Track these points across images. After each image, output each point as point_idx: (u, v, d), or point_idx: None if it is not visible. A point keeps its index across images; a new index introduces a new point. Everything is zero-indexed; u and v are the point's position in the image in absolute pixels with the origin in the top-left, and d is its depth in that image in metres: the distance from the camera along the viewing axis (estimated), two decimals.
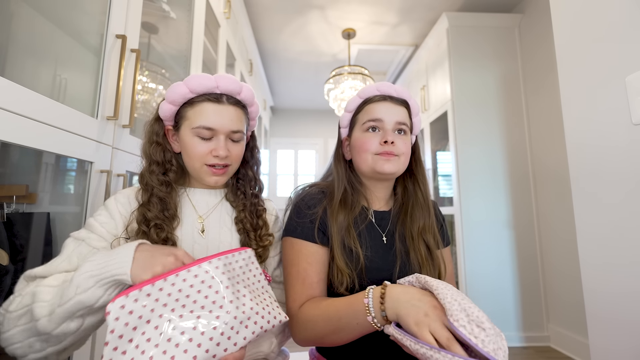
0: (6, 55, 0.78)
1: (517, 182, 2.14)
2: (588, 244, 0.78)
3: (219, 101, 0.62)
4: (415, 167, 0.78)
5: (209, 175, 0.64)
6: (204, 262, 0.48)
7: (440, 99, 2.39)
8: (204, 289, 0.45)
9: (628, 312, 0.68)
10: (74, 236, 0.56)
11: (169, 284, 0.44)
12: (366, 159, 0.71)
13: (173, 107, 0.63)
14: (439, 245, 0.72)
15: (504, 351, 0.41)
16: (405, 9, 2.41)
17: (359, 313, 0.53)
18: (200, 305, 0.44)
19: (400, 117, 0.71)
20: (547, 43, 2.01)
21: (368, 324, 0.52)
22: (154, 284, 0.43)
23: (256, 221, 0.68)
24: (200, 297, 0.44)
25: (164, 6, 1.31)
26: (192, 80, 0.61)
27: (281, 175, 4.61)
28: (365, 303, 0.52)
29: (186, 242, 0.63)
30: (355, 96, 0.75)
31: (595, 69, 0.76)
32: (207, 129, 0.61)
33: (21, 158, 0.82)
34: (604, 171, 0.74)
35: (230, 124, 0.63)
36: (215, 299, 0.45)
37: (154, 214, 0.59)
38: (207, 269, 0.47)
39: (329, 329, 0.57)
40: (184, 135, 0.63)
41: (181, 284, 0.44)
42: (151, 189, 0.61)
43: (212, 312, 0.44)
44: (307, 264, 0.65)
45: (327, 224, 0.68)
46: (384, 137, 0.69)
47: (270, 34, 2.74)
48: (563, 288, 1.92)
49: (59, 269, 0.51)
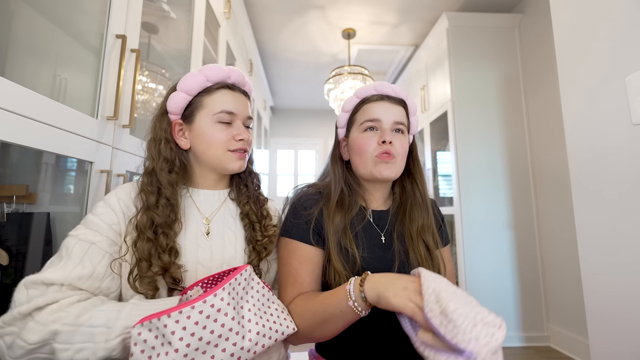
0: (6, 55, 0.78)
1: (517, 182, 2.14)
2: (588, 243, 0.78)
3: (233, 89, 0.67)
4: (413, 167, 0.77)
5: (234, 160, 0.65)
6: (209, 296, 0.46)
7: (440, 99, 2.39)
8: (210, 324, 0.45)
9: (628, 312, 0.68)
10: (80, 238, 0.53)
11: (173, 321, 0.43)
12: (365, 162, 0.70)
13: (187, 97, 0.64)
14: (438, 245, 0.72)
15: (487, 340, 0.39)
16: (405, 9, 2.41)
17: (341, 301, 0.54)
18: (206, 341, 0.44)
19: (398, 117, 0.71)
20: (547, 43, 2.01)
21: (350, 311, 0.53)
22: (159, 319, 0.43)
23: (260, 211, 0.69)
24: (205, 333, 0.44)
25: (164, 6, 1.31)
26: (208, 69, 0.64)
27: (281, 175, 4.61)
28: (346, 289, 0.54)
29: (190, 245, 0.61)
30: (352, 96, 0.75)
31: (595, 68, 0.76)
32: (228, 113, 0.64)
33: (21, 158, 0.82)
34: (604, 171, 0.74)
35: (246, 110, 0.67)
36: (222, 333, 0.45)
37: (163, 219, 0.57)
38: (213, 302, 0.46)
39: (315, 321, 0.57)
40: (202, 124, 0.64)
41: (185, 322, 0.44)
42: (158, 189, 0.59)
43: (218, 345, 0.44)
44: (298, 264, 0.65)
45: (323, 226, 0.68)
46: (382, 136, 0.68)
47: (270, 34, 2.74)
48: (563, 288, 1.92)
49: (73, 276, 0.49)
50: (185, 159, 0.66)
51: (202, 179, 0.68)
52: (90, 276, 0.51)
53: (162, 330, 0.43)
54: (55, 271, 0.49)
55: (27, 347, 0.43)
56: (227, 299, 0.47)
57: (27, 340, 0.43)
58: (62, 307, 0.46)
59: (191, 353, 0.42)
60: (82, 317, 0.45)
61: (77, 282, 0.50)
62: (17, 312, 0.45)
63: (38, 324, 0.44)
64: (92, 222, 0.56)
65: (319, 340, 0.62)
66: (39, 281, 0.48)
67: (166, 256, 0.55)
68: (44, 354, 0.44)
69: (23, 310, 0.45)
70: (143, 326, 0.43)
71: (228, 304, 0.47)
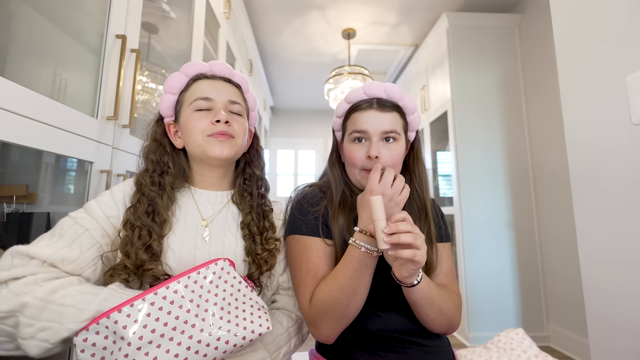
0: (6, 55, 0.78)
1: (517, 182, 2.14)
2: (588, 242, 0.78)
3: (213, 78, 0.66)
4: (413, 164, 0.75)
5: (214, 144, 0.61)
6: (161, 288, 0.47)
7: (440, 99, 2.39)
8: (162, 316, 0.44)
9: (628, 312, 0.68)
10: (77, 222, 0.54)
11: (124, 316, 0.43)
12: (354, 174, 0.71)
13: (172, 97, 0.65)
14: (432, 239, 0.71)
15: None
16: (405, 9, 2.41)
17: (360, 257, 0.59)
18: (160, 334, 0.43)
19: (387, 126, 0.67)
20: (547, 43, 2.01)
21: (370, 257, 0.59)
22: (109, 317, 0.43)
23: (262, 223, 0.67)
24: (159, 325, 0.44)
25: (164, 6, 1.31)
26: (187, 66, 0.66)
27: (281, 175, 4.61)
28: (355, 245, 0.60)
29: (187, 247, 0.60)
30: (342, 101, 0.73)
31: (595, 69, 0.76)
32: (203, 99, 0.63)
33: (21, 158, 0.82)
34: (604, 171, 0.74)
35: (227, 94, 0.65)
36: (176, 325, 0.44)
37: (138, 216, 0.57)
38: (165, 294, 0.46)
39: (348, 294, 0.59)
40: (184, 117, 0.64)
41: (136, 315, 0.43)
42: (141, 188, 0.59)
43: (173, 339, 0.44)
44: (318, 258, 0.65)
45: (329, 223, 0.68)
46: (368, 150, 0.67)
47: (270, 34, 2.74)
48: (563, 288, 1.92)
49: (58, 255, 0.49)
50: (183, 159, 0.67)
51: (200, 177, 0.67)
52: (74, 261, 0.51)
53: (112, 327, 0.42)
54: (43, 247, 0.50)
55: None
56: (182, 291, 0.47)
57: None
58: (37, 280, 0.46)
59: (145, 346, 0.42)
60: (55, 294, 0.45)
61: (59, 263, 0.50)
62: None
63: (10, 293, 0.44)
64: (93, 209, 0.56)
65: (353, 317, 0.62)
66: (24, 252, 0.48)
67: (143, 254, 0.54)
68: (7, 326, 0.43)
69: (1, 276, 0.45)
70: (89, 331, 0.42)
71: (182, 297, 0.46)
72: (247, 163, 0.73)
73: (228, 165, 0.69)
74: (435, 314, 0.62)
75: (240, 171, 0.72)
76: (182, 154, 0.67)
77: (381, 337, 0.64)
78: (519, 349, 0.58)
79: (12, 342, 0.44)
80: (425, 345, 0.64)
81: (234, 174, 0.72)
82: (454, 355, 0.68)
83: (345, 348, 0.65)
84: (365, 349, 0.64)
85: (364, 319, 0.65)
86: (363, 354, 0.63)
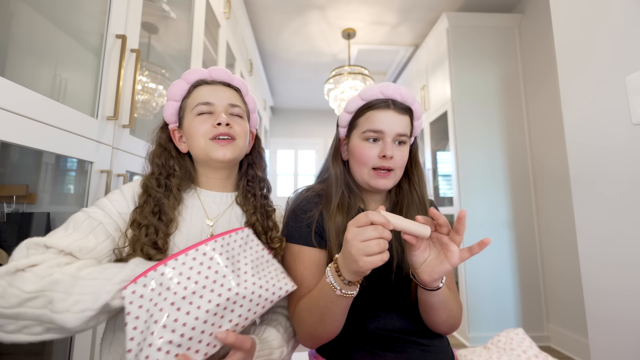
0: (6, 55, 0.78)
1: (517, 182, 2.14)
2: (588, 242, 0.78)
3: (213, 83, 0.68)
4: (411, 168, 0.76)
5: (216, 148, 0.63)
6: (201, 245, 0.50)
7: (440, 99, 2.39)
8: (204, 270, 0.48)
9: (628, 312, 0.68)
10: (91, 215, 0.55)
11: (170, 269, 0.47)
12: (362, 172, 0.70)
13: (175, 104, 0.67)
14: None
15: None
16: (405, 9, 2.41)
17: (329, 293, 0.55)
18: (202, 285, 0.47)
19: (402, 129, 0.68)
20: (547, 43, 2.01)
21: (341, 298, 0.54)
22: (156, 270, 0.46)
23: (267, 223, 0.68)
24: (201, 277, 0.47)
25: (164, 6, 1.31)
26: (187, 73, 0.68)
27: (281, 175, 4.61)
28: (328, 282, 0.54)
29: None
30: (356, 97, 0.72)
31: (595, 68, 0.76)
32: (205, 104, 0.65)
33: (21, 158, 0.82)
34: (604, 171, 0.74)
35: (227, 98, 0.67)
36: (216, 278, 0.48)
37: (144, 216, 0.58)
38: (205, 251, 0.50)
39: (315, 318, 0.58)
40: (187, 123, 0.66)
41: (181, 268, 0.47)
42: (147, 189, 0.61)
43: (214, 290, 0.47)
44: (303, 268, 0.65)
45: (324, 227, 0.68)
46: (382, 150, 0.67)
47: (270, 34, 2.74)
48: (563, 288, 1.92)
49: (75, 246, 0.50)
50: (188, 162, 0.69)
51: (205, 179, 0.69)
52: (91, 251, 0.52)
53: (159, 279, 0.45)
54: (59, 238, 0.50)
55: (22, 296, 0.42)
56: (218, 249, 0.51)
57: (22, 288, 0.42)
58: (60, 264, 0.46)
59: (189, 296, 0.45)
60: (82, 271, 0.46)
61: (77, 252, 0.50)
62: (14, 265, 0.44)
63: (34, 275, 0.43)
64: (105, 205, 0.58)
65: (325, 341, 0.62)
66: (41, 243, 0.48)
67: (150, 249, 0.56)
68: (35, 308, 0.42)
69: (20, 264, 0.44)
70: (137, 284, 0.45)
71: (220, 254, 0.51)
72: (249, 165, 0.74)
73: (231, 167, 0.70)
74: (447, 316, 0.63)
75: (243, 173, 0.74)
76: (187, 157, 0.69)
77: (380, 336, 0.64)
78: (519, 349, 0.58)
79: (41, 325, 0.43)
80: (425, 345, 0.64)
81: (238, 176, 0.74)
82: (454, 354, 0.68)
83: (344, 348, 0.65)
84: (365, 348, 0.64)
85: (363, 319, 0.65)
86: (362, 353, 0.63)
